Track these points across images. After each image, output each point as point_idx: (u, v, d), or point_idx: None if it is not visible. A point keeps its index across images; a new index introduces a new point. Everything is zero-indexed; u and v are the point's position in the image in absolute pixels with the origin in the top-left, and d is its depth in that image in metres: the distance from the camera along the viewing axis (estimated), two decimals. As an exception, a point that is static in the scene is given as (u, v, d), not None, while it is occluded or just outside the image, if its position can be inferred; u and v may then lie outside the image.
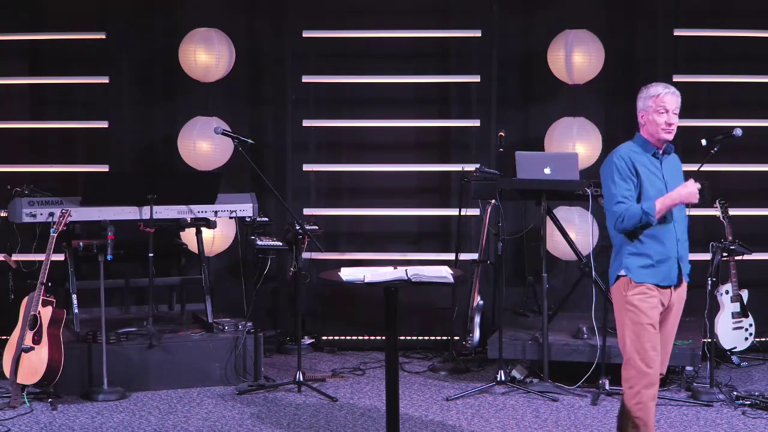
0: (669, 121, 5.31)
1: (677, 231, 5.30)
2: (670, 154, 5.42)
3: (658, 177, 5.34)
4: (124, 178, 8.04)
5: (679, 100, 5.34)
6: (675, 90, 5.36)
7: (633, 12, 8.74)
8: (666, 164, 5.40)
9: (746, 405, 6.81)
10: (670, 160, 5.43)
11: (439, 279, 5.45)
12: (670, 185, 5.32)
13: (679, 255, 5.29)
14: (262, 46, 8.88)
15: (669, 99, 5.31)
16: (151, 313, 7.47)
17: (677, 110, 5.34)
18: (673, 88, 5.38)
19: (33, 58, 8.82)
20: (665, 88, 5.36)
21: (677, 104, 5.33)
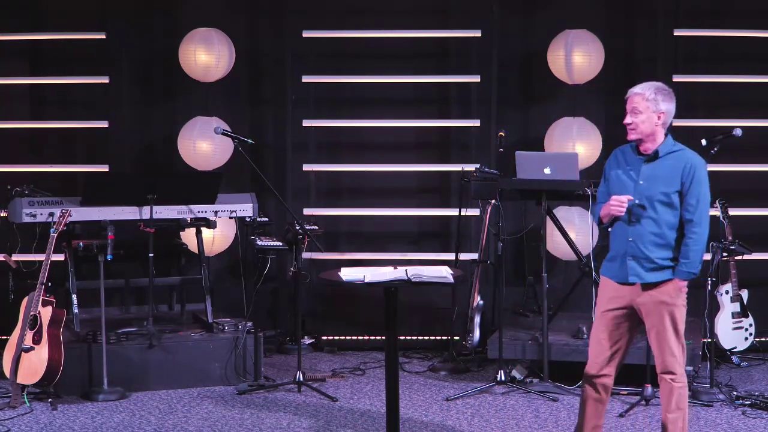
0: (625, 122, 5.35)
1: (634, 231, 5.29)
2: (661, 157, 5.32)
3: (630, 179, 5.35)
4: (124, 178, 8.04)
5: (638, 98, 5.33)
6: (637, 89, 5.36)
7: (633, 12, 8.74)
8: (650, 167, 5.33)
9: (746, 405, 6.81)
10: (660, 164, 5.32)
11: (439, 279, 5.45)
12: (643, 190, 5.30)
13: (628, 254, 5.30)
14: (262, 46, 8.88)
15: (629, 100, 5.35)
16: (151, 313, 7.47)
17: (636, 109, 5.32)
18: (639, 87, 5.37)
19: (33, 58, 8.82)
20: (631, 89, 5.39)
21: (636, 102, 5.32)
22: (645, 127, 5.32)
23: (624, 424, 6.55)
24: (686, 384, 5.37)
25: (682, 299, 5.34)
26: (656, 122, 5.32)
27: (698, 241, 5.27)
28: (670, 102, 5.38)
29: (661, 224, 5.29)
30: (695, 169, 5.28)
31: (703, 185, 5.30)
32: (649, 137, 5.33)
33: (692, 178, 5.27)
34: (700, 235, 5.27)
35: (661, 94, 5.35)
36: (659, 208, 5.28)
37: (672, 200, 5.28)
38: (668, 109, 5.36)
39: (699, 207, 5.28)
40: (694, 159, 5.32)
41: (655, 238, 5.28)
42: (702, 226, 5.28)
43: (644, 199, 5.30)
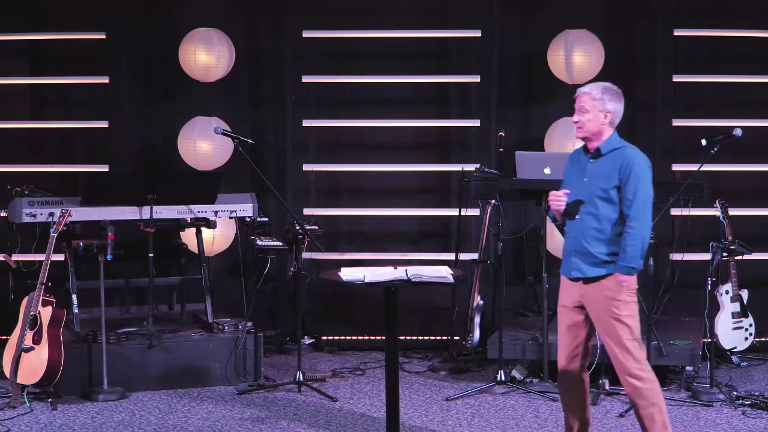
0: (573, 120, 5.46)
1: (577, 227, 5.41)
2: (603, 155, 5.41)
3: (579, 177, 5.45)
4: (124, 178, 8.05)
5: (586, 97, 5.41)
6: (585, 88, 5.45)
7: (633, 12, 8.74)
8: (593, 165, 5.43)
9: (746, 405, 6.80)
10: (602, 161, 5.40)
11: (439, 279, 5.45)
12: (586, 186, 5.39)
13: (572, 249, 5.43)
14: (262, 46, 8.88)
15: (577, 99, 5.45)
16: (151, 313, 7.47)
17: (584, 108, 5.41)
18: (587, 86, 5.46)
19: (33, 58, 8.82)
20: (580, 88, 5.48)
21: (584, 102, 5.41)
22: (592, 125, 5.41)
23: (624, 424, 6.55)
24: (652, 378, 5.38)
25: (626, 294, 5.38)
26: (603, 121, 5.41)
27: (635, 236, 5.30)
28: (618, 102, 5.45)
29: (601, 220, 5.37)
30: (632, 164, 5.34)
31: (641, 181, 5.33)
32: (596, 135, 5.43)
33: (629, 173, 5.33)
34: (637, 229, 5.30)
35: (609, 93, 5.43)
36: (599, 204, 5.36)
37: (610, 196, 5.35)
38: (615, 108, 5.44)
39: (636, 202, 5.31)
40: (632, 155, 5.40)
41: (596, 233, 5.37)
42: (639, 221, 5.30)
43: (587, 196, 5.39)
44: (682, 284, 8.09)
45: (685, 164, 8.39)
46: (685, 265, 7.91)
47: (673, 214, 8.03)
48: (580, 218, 5.41)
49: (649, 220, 5.34)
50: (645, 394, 5.38)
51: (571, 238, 5.46)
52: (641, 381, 5.37)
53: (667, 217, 7.96)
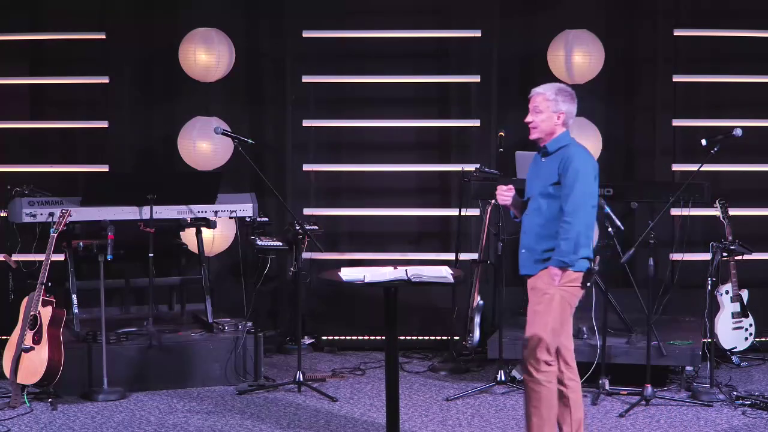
0: (526, 120, 5.54)
1: (525, 224, 5.53)
2: (551, 154, 5.48)
3: (533, 174, 5.56)
4: (124, 178, 8.05)
5: (540, 98, 5.51)
6: (540, 89, 5.54)
7: (633, 12, 8.73)
8: (543, 163, 5.52)
9: (746, 405, 6.80)
10: (552, 159, 5.47)
11: (439, 279, 5.45)
12: (539, 182, 5.49)
13: (522, 246, 5.55)
14: (262, 46, 8.88)
15: (531, 99, 5.55)
16: (151, 313, 7.47)
17: (537, 108, 5.50)
18: (541, 87, 5.55)
19: (33, 58, 8.82)
20: (534, 89, 5.57)
21: (537, 102, 5.51)
22: (545, 126, 5.50)
23: (624, 424, 6.55)
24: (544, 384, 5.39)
25: (556, 289, 5.38)
26: (556, 122, 5.49)
27: (568, 231, 5.33)
28: (571, 103, 5.53)
29: (544, 216, 5.45)
30: (571, 161, 5.39)
31: (579, 177, 5.37)
32: (549, 136, 5.51)
33: (567, 170, 5.38)
34: (571, 225, 5.33)
35: (562, 95, 5.51)
36: (542, 201, 5.46)
37: (552, 192, 5.43)
38: (568, 109, 5.51)
39: (571, 198, 5.35)
40: (573, 153, 5.44)
41: (540, 230, 5.47)
42: (573, 217, 5.34)
43: (535, 193, 5.50)
44: (682, 284, 8.08)
45: (685, 164, 8.39)
46: (685, 265, 7.91)
47: (673, 214, 8.04)
48: (528, 216, 5.53)
49: (586, 217, 5.38)
50: (531, 393, 5.43)
51: (522, 235, 5.57)
52: (531, 379, 5.41)
53: (667, 217, 7.97)
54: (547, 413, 5.42)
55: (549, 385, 5.41)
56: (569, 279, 5.40)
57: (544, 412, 5.41)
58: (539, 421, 5.42)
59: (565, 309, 5.44)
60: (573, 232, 5.32)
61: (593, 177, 5.45)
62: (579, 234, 5.34)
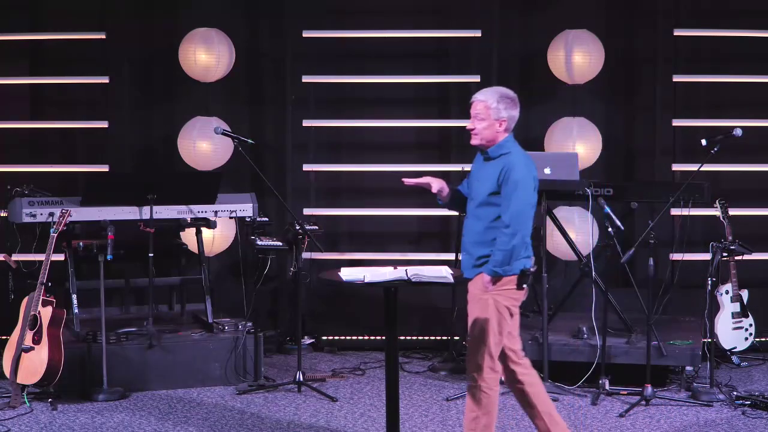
0: (468, 128, 5.50)
1: (465, 228, 5.52)
2: (493, 159, 5.45)
3: (475, 177, 5.54)
4: (124, 178, 8.05)
5: (481, 105, 5.46)
6: (481, 96, 5.49)
7: (633, 12, 8.74)
8: (487, 167, 5.48)
9: (746, 405, 6.80)
10: (493, 165, 5.43)
11: (439, 279, 5.45)
12: (479, 186, 5.47)
13: (462, 249, 5.54)
14: (262, 46, 8.88)
15: (472, 105, 5.51)
16: (151, 313, 7.47)
17: (479, 116, 5.46)
18: (482, 94, 5.51)
19: (33, 58, 8.81)
20: (476, 95, 5.52)
21: (479, 110, 5.47)
22: (487, 133, 5.46)
23: (624, 424, 6.55)
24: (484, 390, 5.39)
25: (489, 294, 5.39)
26: (498, 129, 5.47)
27: (504, 242, 5.32)
28: (513, 109, 5.50)
29: (482, 222, 5.44)
30: (511, 171, 5.34)
31: (518, 188, 5.33)
32: (491, 142, 5.47)
33: (507, 180, 5.34)
34: (508, 236, 5.31)
35: (504, 102, 5.48)
36: (481, 207, 5.44)
37: (490, 200, 5.40)
38: (511, 115, 5.49)
39: (510, 209, 5.32)
40: (513, 162, 5.38)
41: (476, 236, 5.46)
42: (511, 228, 5.31)
43: (475, 197, 5.49)
44: (682, 284, 8.08)
45: (685, 164, 8.39)
46: (685, 265, 7.91)
47: (673, 214, 8.04)
48: (468, 219, 5.52)
49: (522, 227, 5.34)
50: (473, 399, 5.43)
51: (463, 238, 5.57)
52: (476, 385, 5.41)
53: (667, 217, 7.97)
54: (486, 419, 5.43)
55: (489, 391, 5.41)
56: (503, 283, 5.39)
57: (483, 419, 5.42)
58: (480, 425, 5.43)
59: (503, 313, 5.42)
60: (510, 244, 5.31)
61: (533, 187, 5.41)
62: (515, 246, 5.32)
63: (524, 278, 5.42)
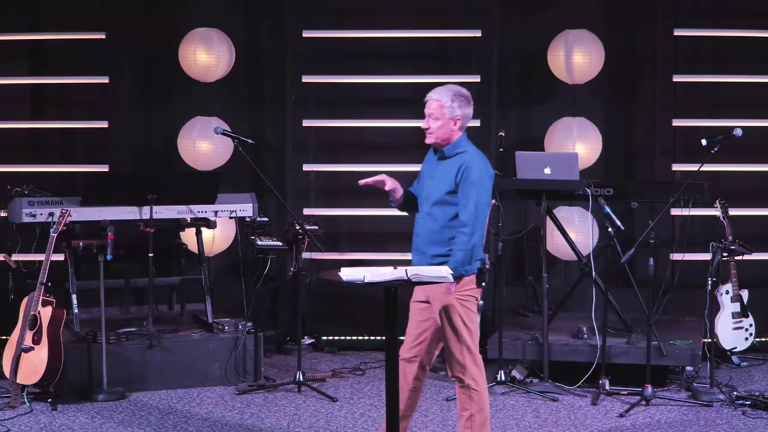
0: (423, 126, 5.52)
1: (419, 227, 5.52)
2: (448, 157, 5.45)
3: (428, 176, 5.53)
4: (124, 178, 8.05)
5: (435, 104, 5.47)
6: (435, 95, 5.50)
7: (633, 12, 8.74)
8: (439, 167, 5.49)
9: (746, 405, 6.80)
10: (449, 164, 5.44)
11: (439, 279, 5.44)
12: (433, 185, 5.46)
13: (414, 249, 5.54)
14: (262, 46, 8.88)
15: (427, 104, 5.52)
16: (151, 313, 7.47)
17: (433, 115, 5.47)
18: (437, 93, 5.51)
19: (33, 58, 8.82)
20: (430, 93, 5.53)
21: (433, 109, 5.48)
22: (441, 132, 5.47)
23: (624, 424, 6.55)
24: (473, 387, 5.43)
25: (454, 298, 5.39)
26: (452, 128, 5.47)
27: (464, 241, 5.33)
28: (467, 107, 5.51)
29: (438, 221, 5.43)
30: (469, 170, 5.35)
31: (475, 187, 5.34)
32: (446, 141, 5.48)
33: (464, 178, 5.35)
34: (467, 235, 5.33)
35: (458, 100, 5.48)
36: (435, 206, 5.44)
37: (446, 199, 5.40)
38: (465, 114, 5.49)
39: (468, 208, 5.33)
40: (471, 161, 5.39)
41: (431, 235, 5.45)
42: (470, 227, 5.33)
43: (429, 196, 5.48)
44: (682, 284, 8.08)
45: (685, 164, 8.39)
46: (685, 265, 7.91)
47: (673, 214, 8.04)
48: (421, 218, 5.51)
49: (481, 227, 5.37)
50: (462, 397, 5.46)
51: (414, 238, 5.56)
52: (461, 384, 5.44)
53: (667, 217, 7.97)
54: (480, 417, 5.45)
55: (479, 387, 5.45)
56: (464, 283, 5.40)
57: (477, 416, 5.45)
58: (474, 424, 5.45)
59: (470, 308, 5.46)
60: (470, 243, 5.33)
61: (490, 186, 5.44)
62: (474, 245, 5.34)
63: (482, 276, 5.45)
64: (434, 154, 5.55)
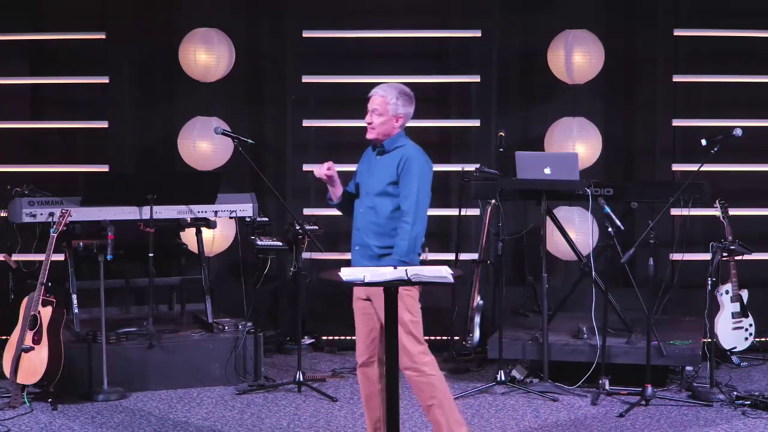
0: (365, 121, 5.58)
1: (360, 221, 5.60)
2: (388, 152, 5.53)
3: (367, 173, 5.60)
4: (124, 178, 8.05)
5: (380, 100, 5.55)
6: (380, 91, 5.58)
7: (633, 12, 8.74)
8: (378, 161, 5.56)
9: (746, 405, 6.80)
10: (389, 158, 5.51)
11: (439, 279, 5.44)
12: (372, 179, 5.53)
13: (355, 243, 5.61)
14: (262, 46, 8.88)
15: (371, 100, 5.59)
16: (151, 313, 7.47)
17: (377, 111, 5.54)
18: (382, 89, 5.59)
19: (33, 58, 8.82)
20: (375, 89, 5.60)
21: (377, 104, 5.56)
22: (384, 128, 5.55)
23: (624, 424, 6.55)
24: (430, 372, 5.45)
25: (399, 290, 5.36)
26: (395, 125, 5.56)
27: (407, 231, 5.41)
28: (410, 106, 5.61)
29: (379, 214, 5.50)
30: (410, 162, 5.45)
31: (416, 178, 5.43)
32: (386, 137, 5.56)
33: (406, 169, 5.44)
34: (410, 225, 5.41)
35: (402, 98, 5.58)
36: (378, 199, 5.50)
37: (388, 191, 5.48)
38: (407, 112, 5.59)
39: (410, 199, 5.41)
40: (411, 153, 5.50)
41: (374, 227, 5.52)
42: (411, 217, 5.41)
43: (370, 191, 5.54)
44: (682, 284, 8.09)
45: (685, 164, 8.40)
46: (685, 265, 7.91)
47: (673, 214, 8.04)
48: (363, 212, 5.57)
49: (423, 217, 5.45)
50: (423, 387, 5.49)
51: (355, 232, 5.62)
52: (418, 373, 5.47)
53: (667, 217, 7.97)
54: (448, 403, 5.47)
55: (434, 372, 5.48)
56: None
57: (446, 402, 5.47)
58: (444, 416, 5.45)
59: (414, 296, 5.52)
60: (413, 232, 5.40)
61: (430, 178, 5.51)
62: (417, 234, 5.42)
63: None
64: (372, 151, 5.62)
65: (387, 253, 5.48)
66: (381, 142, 5.56)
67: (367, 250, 5.56)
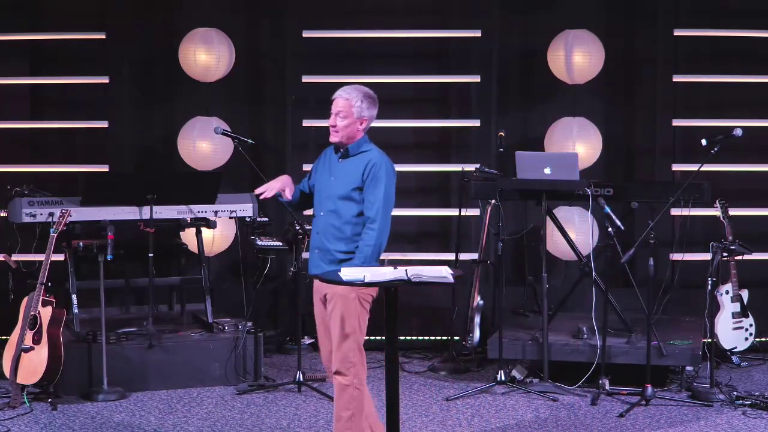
0: (329, 123, 5.58)
1: (320, 224, 5.59)
2: (352, 156, 5.53)
3: (326, 175, 5.59)
4: (124, 178, 8.05)
5: (345, 103, 5.55)
6: (345, 94, 5.58)
7: (633, 12, 8.74)
8: (341, 165, 5.55)
9: (746, 405, 6.81)
10: (353, 162, 5.51)
11: (439, 279, 5.44)
12: (331, 185, 5.53)
13: (315, 246, 5.60)
14: (262, 46, 8.88)
15: (335, 102, 5.58)
16: (151, 313, 7.47)
17: (341, 113, 5.54)
18: (346, 92, 5.59)
19: (33, 58, 8.82)
20: (339, 92, 5.60)
21: (341, 107, 5.55)
22: (348, 131, 5.56)
23: (624, 424, 6.55)
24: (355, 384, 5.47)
25: (356, 293, 5.45)
26: (358, 127, 5.57)
27: (371, 237, 5.43)
28: (374, 108, 5.62)
29: (341, 218, 5.50)
30: (376, 168, 5.46)
31: (381, 185, 5.45)
32: (350, 140, 5.56)
33: (371, 175, 5.45)
34: (375, 231, 5.42)
35: (367, 101, 5.59)
36: (340, 203, 5.50)
37: (351, 196, 5.48)
38: (371, 115, 5.61)
39: (375, 205, 5.43)
40: (376, 158, 5.50)
41: (336, 232, 5.52)
42: (378, 224, 5.42)
43: (331, 194, 5.53)
44: (682, 284, 8.09)
45: (685, 164, 8.40)
46: (685, 265, 7.91)
47: (673, 214, 8.04)
48: (323, 216, 5.56)
49: (387, 226, 5.46)
50: (345, 396, 5.48)
51: (314, 235, 5.61)
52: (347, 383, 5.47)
53: (667, 217, 7.97)
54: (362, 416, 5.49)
55: (361, 386, 5.50)
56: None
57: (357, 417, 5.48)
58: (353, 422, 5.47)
59: (366, 308, 5.53)
60: (374, 239, 5.41)
61: (394, 185, 5.52)
62: (381, 242, 5.43)
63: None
64: (335, 153, 5.61)
65: (347, 258, 5.47)
66: (345, 146, 5.54)
67: (327, 254, 5.55)
